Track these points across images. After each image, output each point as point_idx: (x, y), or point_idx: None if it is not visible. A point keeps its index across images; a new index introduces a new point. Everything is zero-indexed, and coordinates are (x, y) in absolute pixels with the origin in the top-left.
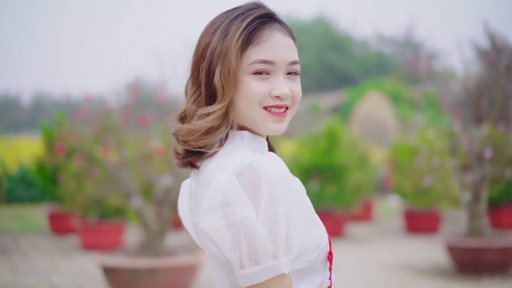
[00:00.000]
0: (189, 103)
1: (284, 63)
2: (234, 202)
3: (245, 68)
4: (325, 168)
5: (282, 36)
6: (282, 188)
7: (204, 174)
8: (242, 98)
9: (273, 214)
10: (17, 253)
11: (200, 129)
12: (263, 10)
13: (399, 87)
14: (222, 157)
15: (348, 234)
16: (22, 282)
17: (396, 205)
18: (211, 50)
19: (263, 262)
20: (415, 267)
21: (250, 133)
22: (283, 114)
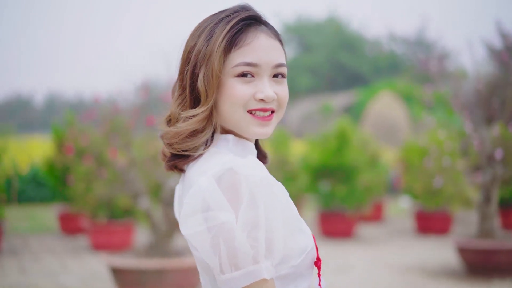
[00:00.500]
0: (174, 106)
1: (269, 65)
2: (214, 207)
3: (229, 71)
4: (336, 169)
5: (267, 38)
6: (262, 192)
7: (188, 178)
8: (226, 101)
9: (253, 219)
10: (26, 253)
11: (183, 132)
12: (248, 12)
13: (411, 87)
14: (205, 160)
15: (359, 234)
16: (30, 282)
17: (407, 206)
18: (196, 53)
19: (243, 267)
20: (425, 269)
21: (235, 137)
22: (268, 118)
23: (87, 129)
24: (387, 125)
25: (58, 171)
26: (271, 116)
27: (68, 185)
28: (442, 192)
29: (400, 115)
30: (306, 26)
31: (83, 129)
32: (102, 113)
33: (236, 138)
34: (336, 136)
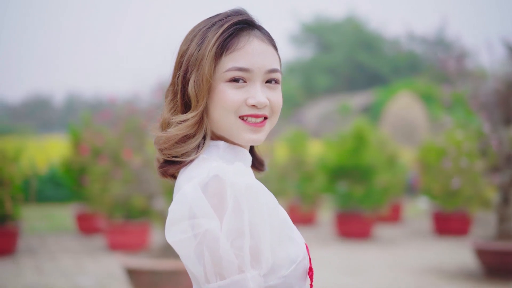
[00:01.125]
0: (166, 111)
1: (262, 70)
2: (198, 214)
3: (220, 76)
4: (353, 169)
5: (260, 43)
6: (247, 199)
7: (177, 184)
8: (217, 107)
9: (237, 227)
10: (43, 253)
11: (173, 137)
12: (241, 16)
13: (430, 87)
14: (194, 167)
15: (376, 236)
16: (46, 282)
17: (425, 207)
18: (187, 57)
19: (228, 277)
20: (443, 270)
21: (226, 143)
22: (260, 124)
23: (103, 129)
24: (406, 125)
25: (74, 171)
26: (263, 122)
27: (84, 185)
28: (460, 193)
29: (419, 115)
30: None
31: (99, 129)
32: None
33: (227, 145)
34: (353, 136)
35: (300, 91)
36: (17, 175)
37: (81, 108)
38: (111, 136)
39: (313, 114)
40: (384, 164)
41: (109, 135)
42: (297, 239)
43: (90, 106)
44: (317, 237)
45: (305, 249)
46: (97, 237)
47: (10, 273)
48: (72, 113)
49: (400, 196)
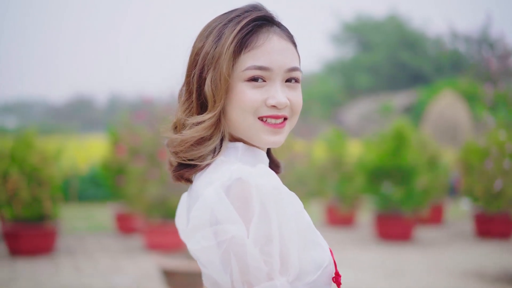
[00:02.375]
0: (180, 112)
1: (282, 69)
2: (223, 220)
3: (238, 75)
4: (393, 170)
5: (280, 41)
6: (275, 203)
7: (195, 189)
8: (235, 107)
9: (266, 232)
10: (81, 253)
11: (189, 140)
12: (260, 12)
13: (474, 86)
14: (212, 170)
15: (417, 238)
16: (83, 282)
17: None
18: (203, 55)
19: (257, 285)
20: (484, 274)
21: (245, 145)
22: (281, 125)
23: (140, 129)
24: (448, 125)
25: (113, 171)
26: (284, 123)
27: (121, 185)
28: (503, 195)
29: (462, 115)
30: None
31: (136, 129)
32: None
33: (246, 146)
34: (393, 137)
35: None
36: (57, 175)
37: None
38: (148, 136)
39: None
40: (425, 165)
41: (146, 135)
42: (322, 244)
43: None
44: (356, 239)
45: (330, 253)
46: (135, 237)
47: (48, 272)
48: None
49: (442, 198)
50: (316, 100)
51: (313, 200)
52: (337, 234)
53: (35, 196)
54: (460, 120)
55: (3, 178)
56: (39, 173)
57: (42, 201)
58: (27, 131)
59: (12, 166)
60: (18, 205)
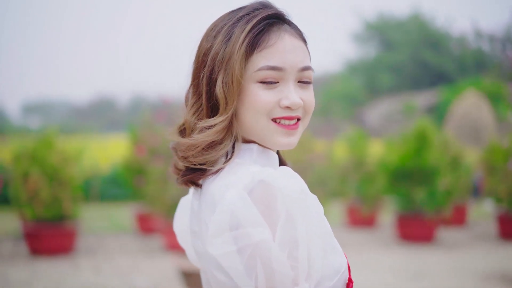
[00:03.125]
0: (189, 115)
1: (295, 69)
2: (246, 223)
3: (250, 76)
4: (414, 171)
5: (292, 39)
6: (301, 206)
7: (209, 193)
8: (248, 109)
9: (293, 236)
10: (101, 253)
11: (200, 144)
12: (270, 10)
13: (498, 86)
14: (228, 173)
15: (439, 239)
16: (103, 282)
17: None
18: (212, 56)
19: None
20: (508, 276)
21: (259, 147)
22: (294, 126)
23: (160, 129)
24: (472, 125)
25: (133, 171)
26: (297, 124)
27: (141, 185)
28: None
29: (485, 115)
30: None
31: (157, 129)
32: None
33: (261, 148)
34: (415, 137)
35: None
36: (78, 175)
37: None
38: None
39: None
40: (447, 166)
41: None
42: (339, 248)
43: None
44: (378, 240)
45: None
46: (155, 237)
47: (68, 272)
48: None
49: (465, 199)
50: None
51: (334, 201)
52: (358, 235)
53: (56, 196)
54: (484, 120)
55: (24, 178)
56: (59, 173)
57: (62, 201)
58: (48, 131)
59: (33, 166)
60: (39, 205)
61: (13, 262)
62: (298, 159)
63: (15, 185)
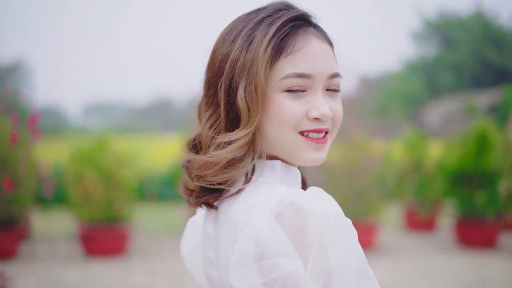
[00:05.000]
0: (205, 129)
1: (324, 76)
2: (274, 252)
3: (276, 84)
4: (475, 173)
5: (320, 43)
6: (335, 232)
7: (228, 217)
8: (273, 121)
9: (327, 267)
10: (155, 254)
11: (219, 162)
12: (295, 11)
13: None
14: (251, 194)
15: (501, 244)
16: (155, 285)
17: None
18: (231, 63)
19: None
20: None
21: (283, 163)
22: (323, 140)
23: None
24: None
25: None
26: (326, 137)
27: None
28: None
29: None
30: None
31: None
32: None
33: (285, 165)
34: (475, 138)
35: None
36: (132, 176)
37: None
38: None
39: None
40: (510, 168)
41: None
42: (374, 276)
43: None
44: (436, 244)
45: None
46: None
47: (120, 274)
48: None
49: None
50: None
51: (391, 203)
52: (416, 240)
53: (110, 198)
54: None
55: (79, 179)
56: (113, 175)
57: (116, 203)
58: (104, 132)
59: (88, 168)
60: (93, 206)
61: (66, 263)
62: (353, 161)
63: (70, 186)
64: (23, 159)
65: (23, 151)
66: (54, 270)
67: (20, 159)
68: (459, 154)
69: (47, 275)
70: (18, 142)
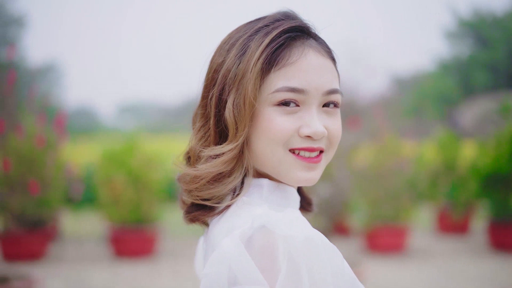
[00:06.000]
0: (195, 141)
1: (319, 92)
2: (244, 280)
3: (266, 98)
4: (509, 175)
5: (317, 56)
6: (306, 258)
7: (212, 236)
8: (262, 137)
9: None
10: (183, 256)
11: (205, 176)
12: (293, 22)
13: None
14: (233, 214)
15: None
16: (182, 287)
17: None
18: (223, 73)
19: None
20: None
21: (271, 182)
22: (316, 159)
23: None
24: None
25: None
26: (319, 157)
27: None
28: None
29: None
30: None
31: None
32: None
33: (273, 183)
34: (510, 139)
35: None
36: (162, 177)
37: None
38: None
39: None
40: None
41: None
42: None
43: None
44: (469, 248)
45: None
46: None
47: (148, 275)
48: None
49: None
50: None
51: (423, 205)
52: (448, 243)
53: (139, 200)
54: None
55: (108, 181)
56: (143, 176)
57: (145, 204)
58: (134, 133)
59: (118, 169)
60: (122, 208)
61: (94, 264)
62: (384, 163)
63: (100, 187)
64: (51, 161)
65: (51, 153)
66: (82, 272)
67: (48, 160)
68: (493, 156)
69: (74, 277)
70: (45, 144)
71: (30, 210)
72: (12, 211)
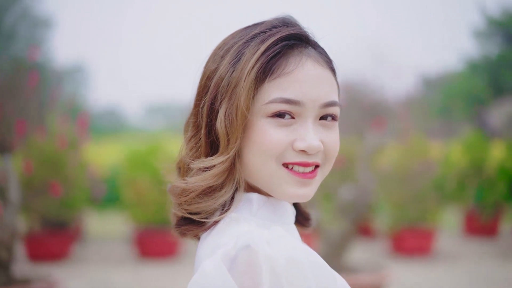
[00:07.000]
0: (185, 151)
1: (316, 104)
2: None
3: (260, 109)
4: None
5: (315, 67)
6: (291, 277)
7: (199, 254)
8: (254, 150)
9: None
10: None
11: (194, 189)
12: (291, 29)
13: None
14: (219, 232)
15: None
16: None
17: None
18: (216, 81)
19: None
20: None
21: (261, 196)
22: (311, 175)
23: None
24: None
25: None
26: (315, 172)
27: None
28: None
29: None
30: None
31: None
32: None
33: (263, 198)
34: None
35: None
36: None
37: None
38: None
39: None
40: None
41: None
42: None
43: None
44: (496, 251)
45: None
46: None
47: (171, 277)
48: None
49: None
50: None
51: (450, 207)
52: (475, 245)
53: (163, 201)
54: None
55: (132, 182)
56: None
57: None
58: (159, 134)
59: (141, 170)
60: (146, 209)
61: (117, 265)
62: (409, 164)
63: (124, 188)
64: (74, 162)
65: (74, 154)
66: (105, 273)
67: (70, 161)
68: None
69: (98, 277)
70: (68, 145)
71: (53, 212)
72: (35, 213)
